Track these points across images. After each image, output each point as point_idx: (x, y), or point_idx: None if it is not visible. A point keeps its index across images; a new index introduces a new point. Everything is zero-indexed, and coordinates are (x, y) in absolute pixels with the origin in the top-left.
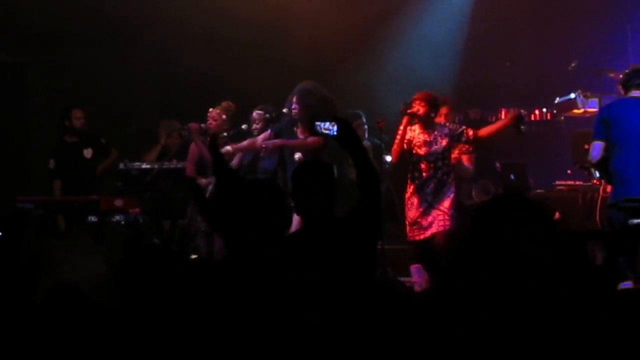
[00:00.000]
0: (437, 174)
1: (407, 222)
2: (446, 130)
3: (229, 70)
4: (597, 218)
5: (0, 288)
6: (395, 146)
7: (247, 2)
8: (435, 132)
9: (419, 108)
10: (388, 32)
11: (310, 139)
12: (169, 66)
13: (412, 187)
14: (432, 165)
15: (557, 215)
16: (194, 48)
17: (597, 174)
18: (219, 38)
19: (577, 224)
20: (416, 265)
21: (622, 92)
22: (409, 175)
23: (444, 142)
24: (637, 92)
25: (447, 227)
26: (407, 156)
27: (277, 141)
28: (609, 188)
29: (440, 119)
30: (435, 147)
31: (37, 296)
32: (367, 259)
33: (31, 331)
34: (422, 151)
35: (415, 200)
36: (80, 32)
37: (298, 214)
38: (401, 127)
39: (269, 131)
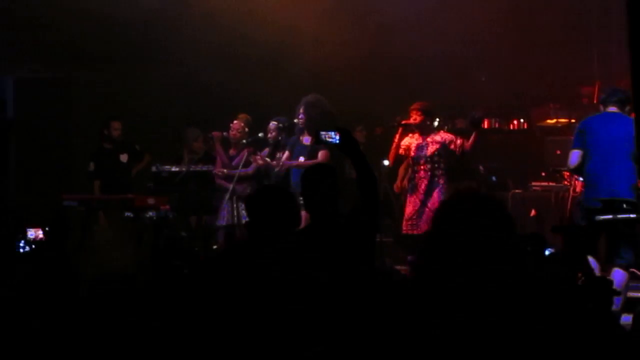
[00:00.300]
0: (429, 176)
1: (404, 217)
2: (438, 138)
3: (245, 84)
4: (568, 214)
5: (51, 273)
6: (391, 151)
7: (261, 24)
8: (429, 139)
9: (415, 117)
10: (385, 50)
11: (320, 156)
12: (192, 81)
13: (409, 185)
14: (423, 167)
15: (533, 212)
16: (213, 65)
17: (581, 179)
18: (235, 56)
19: (550, 220)
20: (412, 256)
21: (601, 108)
22: (408, 176)
23: (434, 148)
24: (613, 107)
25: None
26: (404, 159)
27: (294, 162)
28: (578, 188)
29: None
30: (425, 151)
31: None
32: (367, 249)
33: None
34: (415, 154)
35: (411, 198)
36: (116, 51)
37: (306, 210)
38: (397, 136)
39: (286, 153)
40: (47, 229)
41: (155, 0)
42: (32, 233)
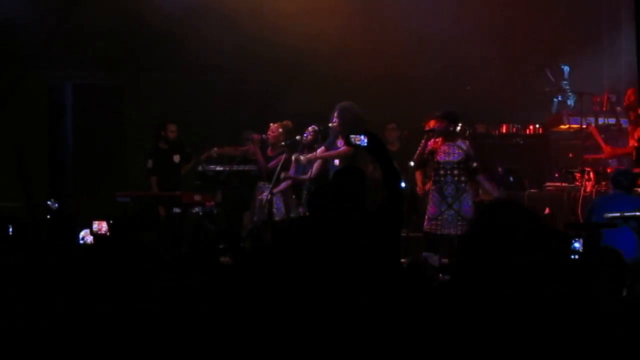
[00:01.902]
0: (455, 180)
1: (426, 215)
2: (464, 147)
3: (286, 91)
4: (579, 212)
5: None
6: (416, 155)
7: (310, 39)
8: (454, 146)
9: (439, 124)
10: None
11: (342, 149)
12: (239, 88)
13: (434, 187)
14: (449, 172)
15: (547, 210)
16: (258, 74)
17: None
18: (278, 65)
19: (563, 218)
20: (426, 252)
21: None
22: (431, 177)
23: (459, 156)
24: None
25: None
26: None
27: (322, 154)
28: (588, 188)
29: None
30: (451, 157)
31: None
32: (393, 244)
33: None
34: (441, 159)
35: (435, 199)
36: (168, 60)
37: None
38: (423, 141)
39: (322, 147)
40: (110, 222)
41: (202, 19)
42: (96, 226)
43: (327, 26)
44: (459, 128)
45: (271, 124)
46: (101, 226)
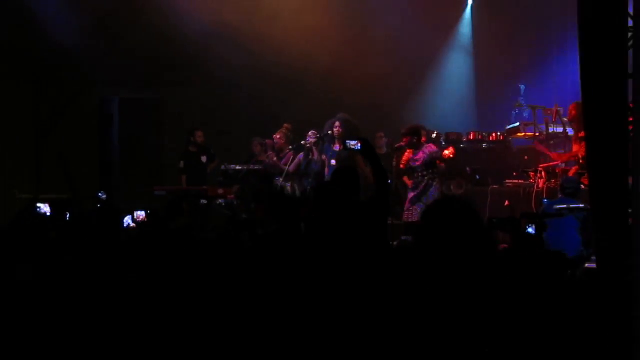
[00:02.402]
0: (425, 179)
1: (404, 208)
2: (427, 151)
3: (297, 102)
4: (533, 204)
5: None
6: (394, 170)
7: (307, 60)
8: (420, 152)
9: (405, 139)
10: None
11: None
12: (257, 100)
13: (410, 185)
14: (419, 173)
15: (507, 202)
16: (274, 88)
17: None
18: (289, 81)
19: (519, 209)
20: (404, 236)
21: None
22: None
23: (423, 160)
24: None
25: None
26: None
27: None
28: (540, 185)
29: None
30: (418, 162)
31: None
32: (381, 228)
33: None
34: (413, 164)
35: (410, 194)
36: (196, 78)
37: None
38: (395, 158)
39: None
40: (149, 212)
41: (221, 45)
42: (137, 214)
43: (321, 49)
44: (434, 135)
45: (274, 135)
46: (139, 215)
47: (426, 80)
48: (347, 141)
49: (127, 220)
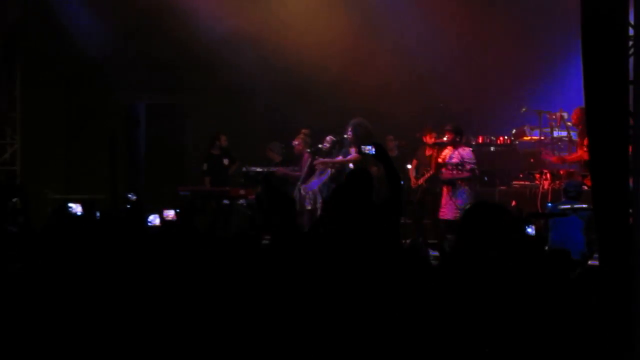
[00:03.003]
0: (454, 180)
1: (441, 204)
2: (463, 153)
3: (312, 107)
4: (538, 204)
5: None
6: (432, 161)
7: (328, 62)
8: (456, 152)
9: (449, 135)
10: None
11: (353, 156)
12: (273, 108)
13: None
14: (452, 172)
15: (513, 202)
16: (289, 93)
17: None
18: (304, 87)
19: (525, 208)
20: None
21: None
22: (423, 174)
23: (457, 160)
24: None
25: (456, 218)
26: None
27: (339, 160)
28: (545, 186)
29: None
30: (452, 160)
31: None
32: (394, 227)
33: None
34: (449, 161)
35: (445, 192)
36: (217, 85)
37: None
38: (434, 152)
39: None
40: (177, 210)
41: (240, 56)
42: (166, 213)
43: (335, 56)
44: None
45: (293, 142)
46: (169, 214)
47: (435, 85)
48: (362, 146)
49: (152, 218)
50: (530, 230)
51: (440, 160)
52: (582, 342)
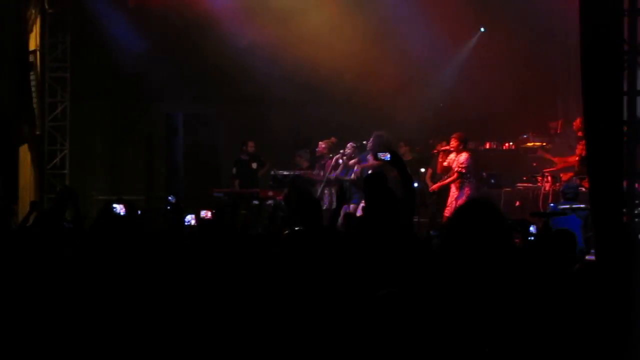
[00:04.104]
0: (458, 182)
1: (447, 204)
2: (461, 159)
3: (336, 114)
4: (540, 204)
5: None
6: (438, 165)
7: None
8: (456, 157)
9: (455, 143)
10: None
11: (372, 162)
12: (297, 114)
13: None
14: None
15: (518, 203)
16: (314, 102)
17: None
18: (328, 95)
19: (529, 208)
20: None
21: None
22: (444, 179)
23: (463, 164)
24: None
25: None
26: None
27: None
28: (547, 188)
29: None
30: (454, 165)
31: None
32: (408, 225)
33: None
34: (454, 165)
35: (452, 193)
36: (247, 96)
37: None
38: (440, 158)
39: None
40: (214, 211)
41: (269, 69)
42: (203, 213)
43: (356, 66)
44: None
45: (319, 142)
46: (207, 214)
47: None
48: (378, 153)
49: (189, 218)
50: (533, 229)
51: (445, 164)
52: (582, 335)
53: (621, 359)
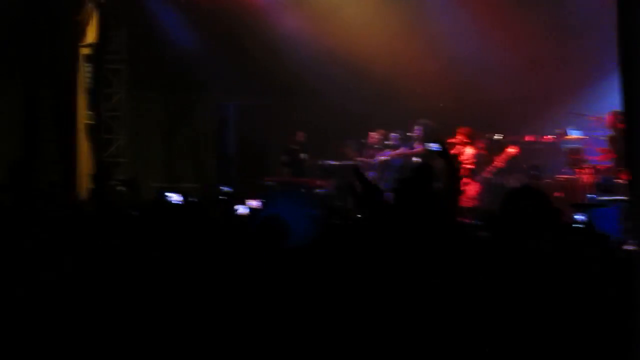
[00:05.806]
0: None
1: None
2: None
3: (381, 110)
4: (580, 196)
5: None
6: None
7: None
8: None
9: (462, 138)
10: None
11: (417, 150)
12: (347, 106)
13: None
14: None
15: (558, 194)
16: (361, 96)
17: None
18: (376, 90)
19: (568, 199)
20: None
21: None
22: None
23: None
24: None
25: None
26: None
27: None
28: (585, 179)
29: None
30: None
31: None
32: (452, 210)
33: None
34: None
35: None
36: (297, 87)
37: None
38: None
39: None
40: (262, 200)
41: (322, 59)
42: (251, 202)
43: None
44: (497, 137)
45: (369, 132)
46: (252, 203)
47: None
48: (428, 143)
49: (240, 208)
50: (579, 217)
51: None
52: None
53: None
